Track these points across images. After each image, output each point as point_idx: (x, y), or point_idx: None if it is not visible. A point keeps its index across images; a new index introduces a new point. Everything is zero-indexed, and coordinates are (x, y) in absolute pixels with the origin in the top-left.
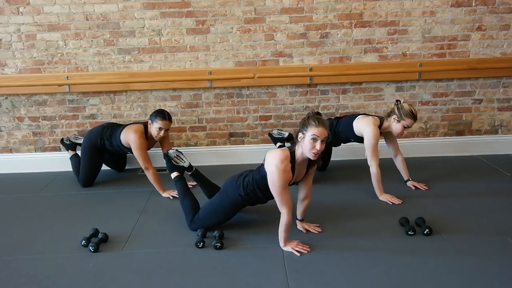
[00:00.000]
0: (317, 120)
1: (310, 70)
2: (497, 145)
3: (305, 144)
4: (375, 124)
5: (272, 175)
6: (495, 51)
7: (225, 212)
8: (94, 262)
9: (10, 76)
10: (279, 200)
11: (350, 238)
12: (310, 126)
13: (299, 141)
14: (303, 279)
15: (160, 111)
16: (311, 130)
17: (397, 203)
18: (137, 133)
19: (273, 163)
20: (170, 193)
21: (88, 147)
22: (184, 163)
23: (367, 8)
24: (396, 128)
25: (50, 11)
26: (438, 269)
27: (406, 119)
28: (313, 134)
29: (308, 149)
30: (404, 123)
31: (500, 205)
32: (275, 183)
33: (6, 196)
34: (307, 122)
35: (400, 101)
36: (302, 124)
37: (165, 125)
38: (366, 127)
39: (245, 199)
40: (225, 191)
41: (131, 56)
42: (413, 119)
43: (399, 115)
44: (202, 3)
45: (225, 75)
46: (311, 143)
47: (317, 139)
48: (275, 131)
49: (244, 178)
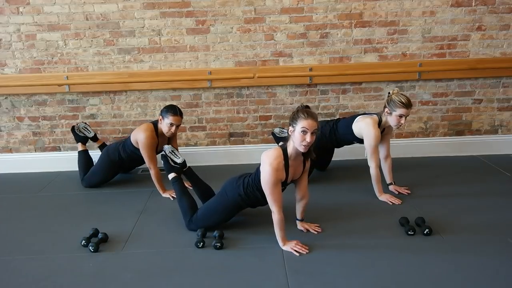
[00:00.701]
0: (306, 113)
1: (310, 70)
2: (497, 145)
3: (296, 137)
4: (375, 125)
5: (265, 173)
6: (495, 51)
7: (224, 213)
8: (94, 262)
9: (10, 76)
10: (270, 199)
11: (350, 238)
12: (300, 119)
13: (290, 135)
14: (303, 279)
15: (171, 107)
16: (301, 122)
17: (397, 203)
18: (146, 132)
19: (266, 162)
20: (171, 193)
21: (107, 162)
22: (178, 159)
23: (367, 8)
24: (392, 120)
25: (50, 11)
26: (438, 269)
27: (397, 110)
28: (303, 127)
29: (299, 141)
30: (396, 114)
31: (500, 205)
32: (267, 181)
33: (6, 196)
34: (296, 115)
35: (390, 92)
36: (292, 118)
37: (177, 120)
38: (366, 129)
39: (244, 200)
40: (224, 192)
41: (131, 56)
42: (405, 107)
43: (390, 108)
44: (202, 3)
45: (225, 75)
46: (301, 135)
47: (306, 131)
48: (277, 130)
49: (244, 179)
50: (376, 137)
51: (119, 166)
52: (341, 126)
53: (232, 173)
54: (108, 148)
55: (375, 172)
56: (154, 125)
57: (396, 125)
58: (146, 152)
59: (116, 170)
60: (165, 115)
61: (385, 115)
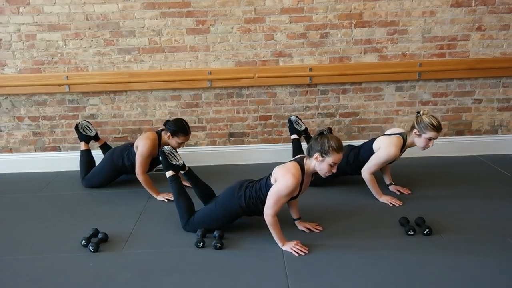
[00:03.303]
0: (338, 146)
1: (310, 70)
2: (497, 145)
3: (322, 166)
4: (398, 146)
5: (284, 183)
6: (495, 51)
7: (222, 220)
8: (94, 262)
9: (10, 76)
10: (271, 204)
11: (350, 238)
12: (332, 153)
13: (314, 159)
14: (303, 279)
15: (182, 127)
16: (333, 157)
17: (397, 205)
18: (149, 141)
19: (289, 174)
20: (165, 196)
21: (110, 166)
22: (177, 162)
23: (367, 8)
24: (420, 142)
25: (50, 11)
26: (438, 269)
27: (427, 133)
28: (334, 161)
29: (324, 171)
30: (426, 136)
31: (500, 205)
32: (281, 190)
33: (6, 196)
34: (328, 147)
35: (419, 113)
36: (322, 146)
37: (188, 139)
38: (387, 145)
39: (245, 211)
40: (224, 201)
41: (131, 56)
42: (436, 131)
43: (419, 129)
44: (202, 3)
45: (225, 75)
46: (329, 167)
47: (335, 165)
48: (294, 118)
49: (245, 190)
50: (392, 157)
51: (122, 172)
52: (363, 150)
53: (232, 173)
54: (113, 152)
55: (369, 177)
56: (158, 134)
57: (424, 148)
58: (140, 160)
59: (118, 174)
60: (176, 135)
61: (412, 136)
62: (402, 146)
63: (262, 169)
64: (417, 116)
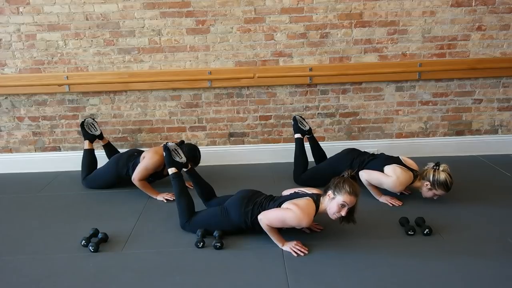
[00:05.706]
0: (352, 188)
1: (310, 70)
2: (497, 145)
3: (332, 205)
4: (408, 181)
5: (297, 219)
6: (495, 51)
7: (223, 227)
8: (94, 262)
9: (10, 76)
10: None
11: (350, 238)
12: (344, 192)
13: (327, 197)
14: (303, 279)
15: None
16: (344, 196)
17: (397, 205)
18: (156, 156)
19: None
20: (165, 196)
21: (113, 172)
22: (181, 159)
23: (367, 8)
24: (426, 193)
25: (50, 11)
26: (438, 269)
27: (438, 190)
28: (344, 201)
29: (333, 211)
30: (436, 193)
31: (500, 205)
32: (290, 221)
33: (6, 196)
34: (342, 185)
35: (439, 166)
36: (337, 184)
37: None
38: (395, 184)
39: (249, 228)
40: (229, 212)
41: (131, 56)
42: (446, 191)
43: (432, 184)
44: (202, 3)
45: (225, 75)
46: (339, 207)
47: (345, 206)
48: (298, 117)
49: (253, 206)
50: (391, 190)
51: (124, 180)
52: (372, 165)
53: (232, 173)
54: (119, 159)
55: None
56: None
57: (426, 197)
58: (142, 170)
59: (120, 182)
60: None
61: (421, 184)
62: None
63: (262, 169)
64: (436, 168)
